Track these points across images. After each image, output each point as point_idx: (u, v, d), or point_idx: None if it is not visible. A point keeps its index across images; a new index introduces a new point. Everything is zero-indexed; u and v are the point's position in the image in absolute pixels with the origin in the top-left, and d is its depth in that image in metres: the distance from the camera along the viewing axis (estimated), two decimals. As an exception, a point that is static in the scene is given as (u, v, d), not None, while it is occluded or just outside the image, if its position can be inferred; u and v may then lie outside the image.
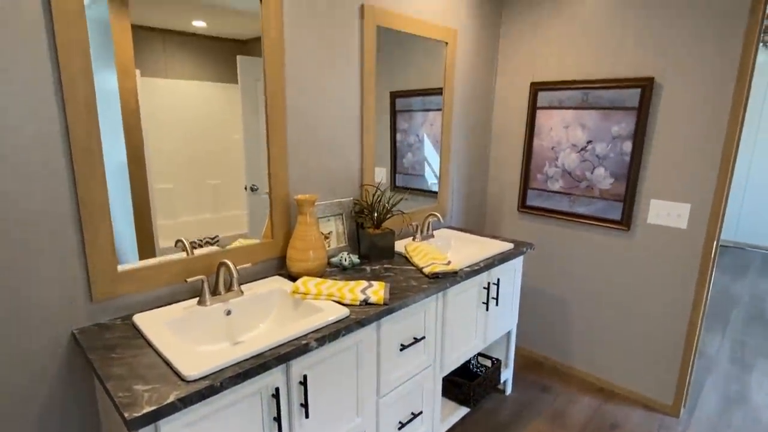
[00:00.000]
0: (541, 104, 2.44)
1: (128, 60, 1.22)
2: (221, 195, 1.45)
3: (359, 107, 1.89)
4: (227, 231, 1.54)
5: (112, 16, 1.18)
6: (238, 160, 1.48)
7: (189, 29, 1.29)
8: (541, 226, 2.57)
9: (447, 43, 2.21)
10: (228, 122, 1.42)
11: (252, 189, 1.63)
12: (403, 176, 2.23)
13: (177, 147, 1.32)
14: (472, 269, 1.77)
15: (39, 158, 1.11)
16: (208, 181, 1.41)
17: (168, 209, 1.32)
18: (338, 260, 1.76)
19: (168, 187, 1.35)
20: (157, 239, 1.32)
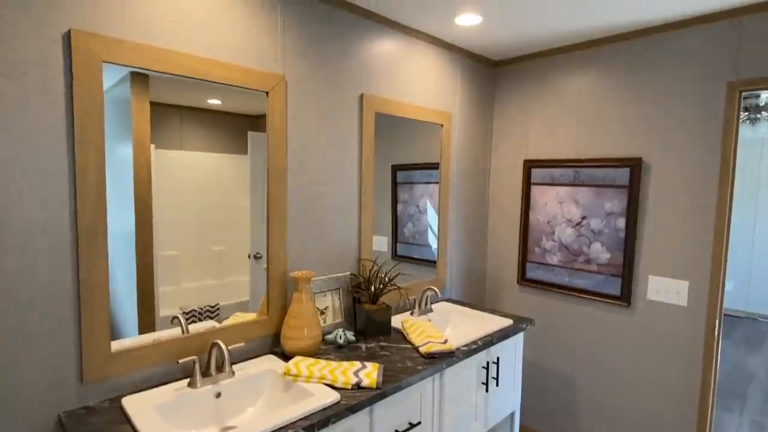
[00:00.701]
0: (535, 180, 2.53)
1: (145, 135, 1.32)
2: (225, 261, 1.49)
3: (358, 187, 1.98)
4: (229, 298, 1.56)
5: (133, 95, 1.30)
6: (244, 227, 1.54)
7: (205, 106, 1.40)
8: (542, 300, 2.55)
9: (442, 125, 2.35)
10: (236, 190, 1.50)
11: (255, 257, 1.67)
12: (404, 245, 2.27)
13: (186, 214, 1.38)
14: (470, 348, 1.74)
15: (46, 242, 1.17)
16: (214, 247, 1.45)
17: (172, 276, 1.35)
18: (333, 337, 1.75)
19: (173, 254, 1.39)
20: (158, 307, 1.33)
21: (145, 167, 1.33)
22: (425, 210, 2.36)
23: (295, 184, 1.74)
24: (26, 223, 1.13)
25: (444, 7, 1.86)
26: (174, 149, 1.35)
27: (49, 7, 1.14)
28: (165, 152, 1.33)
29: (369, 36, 1.95)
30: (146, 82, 1.31)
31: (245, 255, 1.57)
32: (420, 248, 2.35)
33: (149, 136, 1.32)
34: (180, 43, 1.38)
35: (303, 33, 1.70)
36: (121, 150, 1.28)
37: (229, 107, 1.47)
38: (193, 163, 1.39)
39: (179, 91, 1.36)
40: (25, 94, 1.12)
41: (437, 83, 2.32)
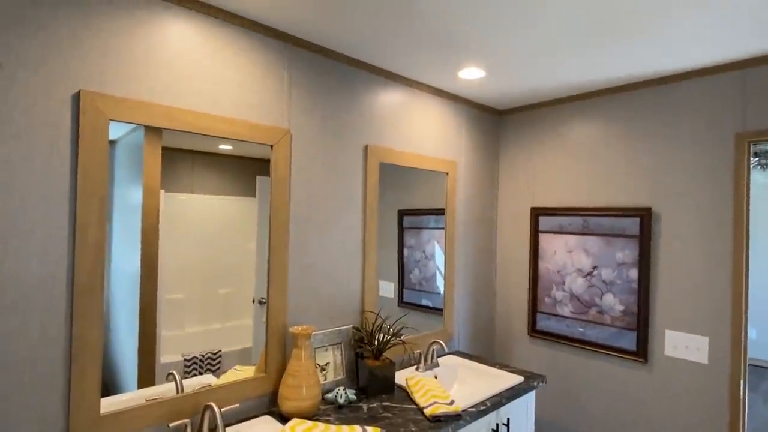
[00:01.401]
0: (543, 228, 2.49)
1: (155, 182, 1.33)
2: (231, 304, 1.46)
3: (361, 237, 1.95)
4: (232, 344, 1.52)
5: (146, 143, 1.31)
6: (251, 270, 1.52)
7: (216, 151, 1.42)
8: (554, 353, 2.44)
9: (447, 173, 2.35)
10: (244, 233, 1.50)
11: (260, 302, 1.63)
12: (410, 291, 2.22)
13: (193, 257, 1.37)
14: (478, 409, 1.65)
15: (41, 299, 1.15)
16: (220, 290, 1.42)
17: (176, 319, 1.32)
18: (333, 396, 1.67)
19: (179, 297, 1.36)
20: (159, 352, 1.29)
21: (153, 212, 1.34)
22: (432, 256, 2.31)
23: (298, 234, 1.72)
24: (22, 279, 1.12)
25: (447, 62, 1.90)
26: (184, 192, 1.35)
27: (61, 69, 1.17)
28: (175, 195, 1.34)
29: (373, 88, 1.98)
30: (159, 131, 1.34)
31: (250, 300, 1.54)
32: (427, 295, 2.28)
33: (159, 182, 1.34)
34: (185, 100, 1.41)
35: (308, 87, 1.74)
36: (132, 193, 1.29)
37: (239, 152, 1.50)
38: (202, 207, 1.40)
39: (192, 137, 1.39)
40: (31, 154, 1.13)
41: (442, 132, 2.34)
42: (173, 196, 1.35)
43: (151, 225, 1.33)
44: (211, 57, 1.46)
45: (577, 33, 1.60)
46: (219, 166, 1.45)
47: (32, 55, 1.13)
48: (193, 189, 1.39)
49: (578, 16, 1.47)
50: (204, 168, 1.41)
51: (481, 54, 1.81)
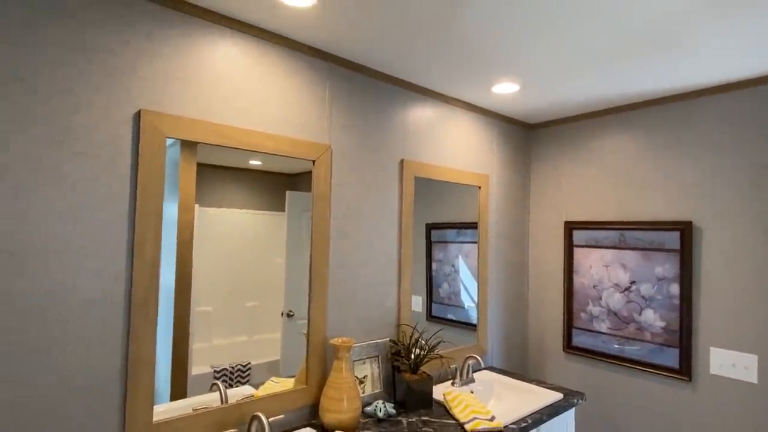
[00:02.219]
0: (578, 242, 2.46)
1: (190, 197, 1.37)
2: (258, 318, 1.46)
3: (397, 251, 1.97)
4: (259, 357, 1.52)
5: (182, 159, 1.35)
6: (278, 284, 1.53)
7: (246, 166, 1.46)
8: (591, 370, 2.38)
9: (479, 187, 2.35)
10: (272, 247, 1.51)
11: (288, 315, 1.65)
12: (439, 306, 2.20)
13: (221, 271, 1.38)
14: (519, 426, 1.62)
15: (100, 313, 1.20)
16: (247, 303, 1.44)
17: (204, 332, 1.33)
18: (373, 410, 1.67)
19: (207, 310, 1.39)
20: (190, 365, 1.31)
21: (188, 227, 1.37)
22: (461, 270, 2.31)
23: (337, 248, 1.75)
24: (83, 293, 1.17)
25: (482, 78, 1.93)
26: (215, 207, 1.39)
27: (123, 90, 1.24)
28: (206, 210, 1.37)
29: (409, 104, 2.02)
30: (194, 147, 1.38)
31: (278, 312, 1.56)
32: (456, 309, 2.27)
33: (194, 196, 1.37)
34: (234, 119, 1.46)
35: (347, 104, 1.79)
36: (168, 208, 1.32)
37: (268, 167, 1.52)
38: (231, 221, 1.42)
39: (224, 153, 1.43)
40: (95, 173, 1.19)
41: (474, 146, 2.35)
42: (204, 211, 1.38)
43: (185, 241, 1.36)
44: (257, 77, 1.52)
45: (613, 47, 1.60)
46: (248, 181, 1.47)
47: (97, 78, 1.20)
48: (222, 203, 1.42)
49: (615, 30, 1.48)
50: (234, 183, 1.44)
51: (516, 69, 1.82)
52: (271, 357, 1.55)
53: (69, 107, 1.15)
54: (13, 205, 1.08)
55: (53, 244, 1.13)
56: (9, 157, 1.07)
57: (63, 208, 1.14)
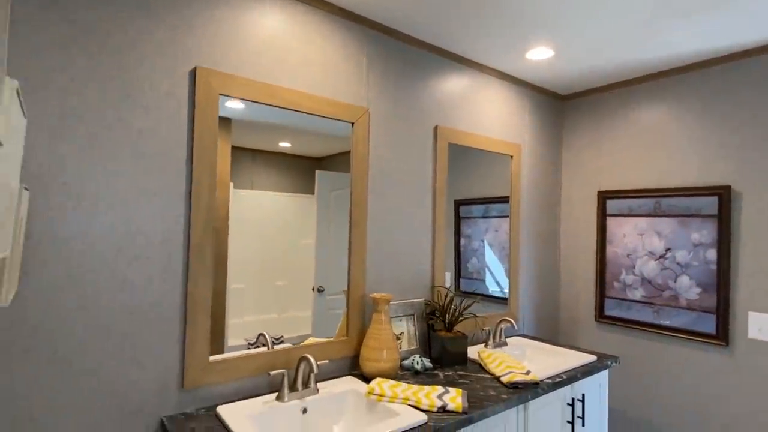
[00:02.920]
0: (611, 212, 2.45)
1: (225, 174, 1.43)
2: (287, 296, 1.51)
3: (431, 214, 2.02)
4: (291, 332, 1.58)
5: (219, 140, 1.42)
6: (307, 264, 1.57)
7: (275, 149, 1.50)
8: (623, 338, 2.38)
9: (512, 156, 2.37)
10: (300, 228, 1.55)
11: (319, 290, 1.72)
12: (467, 281, 2.23)
13: (253, 250, 1.44)
14: (554, 381, 1.66)
15: (163, 252, 1.29)
16: (277, 282, 1.50)
17: (237, 309, 1.40)
18: (410, 363, 1.73)
19: (240, 287, 1.47)
20: (227, 337, 1.38)
21: (224, 205, 1.43)
22: (491, 245, 2.33)
23: (374, 210, 1.80)
24: (147, 234, 1.26)
25: (517, 43, 1.94)
26: (246, 189, 1.44)
27: (181, 48, 1.32)
28: (238, 191, 1.42)
29: (443, 71, 2.05)
30: (229, 126, 1.44)
31: (307, 291, 1.58)
32: (484, 284, 2.29)
33: (230, 174, 1.43)
34: (282, 79, 1.53)
35: (384, 69, 1.83)
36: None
37: (297, 150, 1.56)
38: (262, 203, 1.46)
39: (255, 135, 1.47)
40: (158, 124, 1.28)
41: (506, 116, 2.37)
42: (236, 192, 1.43)
43: (222, 216, 1.42)
44: (302, 41, 1.58)
45: (652, 8, 1.59)
46: (278, 165, 1.50)
47: (159, 35, 1.28)
48: (253, 185, 1.48)
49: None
50: (264, 166, 1.47)
51: (552, 31, 1.83)
52: (303, 332, 1.60)
53: (134, 62, 1.24)
54: (89, 152, 1.17)
55: (122, 187, 1.22)
56: (84, 107, 1.17)
57: (130, 155, 1.23)
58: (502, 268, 2.36)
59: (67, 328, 1.14)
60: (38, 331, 1.10)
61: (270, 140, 1.48)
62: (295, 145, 1.55)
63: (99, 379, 1.18)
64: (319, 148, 1.62)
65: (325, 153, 1.64)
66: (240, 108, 1.43)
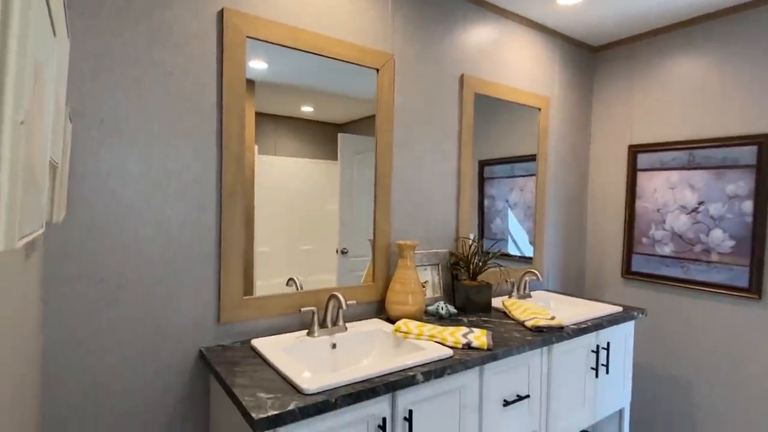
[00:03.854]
0: (642, 166, 2.38)
1: (250, 136, 1.45)
2: (312, 260, 1.55)
3: (457, 165, 2.01)
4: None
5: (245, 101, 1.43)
6: (331, 229, 1.59)
7: (297, 114, 1.50)
8: (651, 294, 2.36)
9: (540, 109, 2.32)
10: (324, 195, 1.57)
11: (343, 252, 1.75)
12: (491, 242, 2.23)
13: (277, 215, 1.47)
14: (580, 327, 1.67)
15: (197, 192, 1.33)
16: (302, 246, 1.53)
17: (264, 272, 1.44)
18: (435, 309, 1.77)
19: (266, 251, 1.51)
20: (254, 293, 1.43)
21: (250, 166, 1.46)
22: (515, 205, 2.30)
23: (399, 159, 1.81)
24: (182, 176, 1.31)
25: (547, -15, 1.87)
26: (270, 155, 1.46)
27: (208, -10, 1.33)
28: (262, 157, 1.44)
29: (470, 18, 2.00)
30: (253, 90, 1.44)
31: (331, 255, 1.60)
32: (509, 245, 2.28)
33: (254, 137, 1.45)
34: (306, 23, 1.53)
35: (410, 15, 1.80)
36: None
37: (319, 115, 1.55)
38: (285, 168, 1.48)
39: (277, 99, 1.47)
40: (188, 65, 1.30)
41: (535, 68, 2.30)
42: (260, 158, 1.45)
43: (248, 179, 1.45)
44: (326, -18, 1.57)
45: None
46: (300, 130, 1.50)
47: (187, -24, 1.29)
48: (276, 151, 1.49)
49: None
50: (287, 132, 1.48)
51: (586, -29, 1.75)
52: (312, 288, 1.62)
53: (163, 1, 1.26)
54: (124, 92, 1.21)
55: (157, 127, 1.26)
56: (118, 47, 1.20)
57: (163, 95, 1.27)
58: (526, 228, 2.35)
59: (110, 259, 1.21)
60: (83, 259, 1.17)
61: (293, 104, 1.48)
62: (318, 109, 1.55)
63: (140, 308, 1.25)
64: (342, 113, 1.61)
65: (347, 118, 1.64)
66: (263, 68, 1.44)
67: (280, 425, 0.95)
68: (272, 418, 0.94)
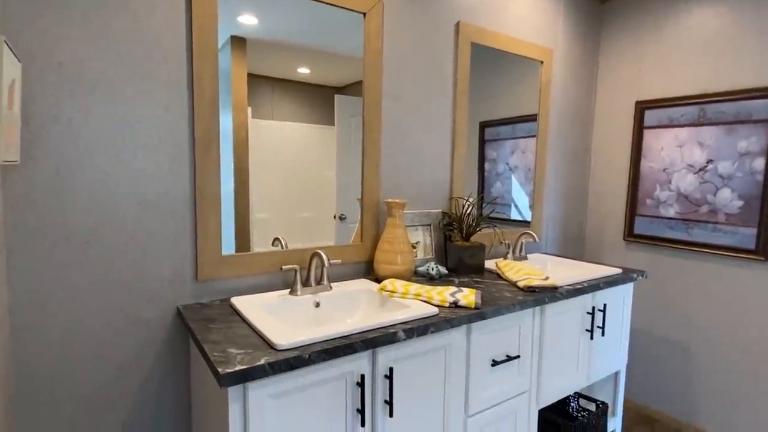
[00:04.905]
0: (649, 123, 2.26)
1: (242, 98, 1.37)
2: (311, 227, 1.50)
3: (451, 120, 1.90)
4: None
5: (233, 60, 1.34)
6: (329, 195, 1.54)
7: (294, 77, 1.41)
8: (654, 257, 2.29)
9: (542, 62, 2.18)
10: (322, 160, 1.50)
11: (341, 218, 1.68)
12: (491, 206, 2.14)
13: (275, 181, 1.41)
14: (575, 288, 1.60)
15: (169, 144, 1.26)
16: (301, 214, 1.48)
17: (262, 239, 1.39)
18: (425, 270, 1.71)
19: (264, 217, 1.45)
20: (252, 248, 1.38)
21: (243, 128, 1.38)
22: (516, 167, 2.20)
23: (389, 113, 1.71)
24: (152, 125, 1.23)
25: None
26: (266, 119, 1.37)
27: None
28: (257, 121, 1.36)
29: (466, -39, 1.85)
30: (244, 48, 1.35)
31: (330, 221, 1.56)
32: (509, 208, 2.20)
33: (246, 98, 1.36)
34: (285, -40, 1.40)
35: (400, -45, 1.66)
36: (222, 120, 1.33)
37: (316, 77, 1.46)
38: (282, 133, 1.41)
39: (271, 59, 1.37)
40: (154, 3, 1.20)
41: (538, 17, 2.15)
42: (255, 122, 1.37)
43: (241, 142, 1.38)
44: None
45: None
46: (297, 94, 1.43)
47: None
48: (273, 115, 1.40)
49: None
50: (283, 95, 1.40)
51: None
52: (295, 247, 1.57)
53: (122, -69, 1.14)
54: (83, 32, 1.12)
55: (122, 72, 1.17)
56: (72, -22, 1.10)
57: (126, 36, 1.17)
58: (527, 191, 2.25)
59: (77, 213, 1.15)
60: (47, 213, 1.11)
61: (288, 66, 1.40)
62: (315, 71, 1.46)
63: (112, 264, 1.21)
64: (339, 75, 1.53)
65: (344, 81, 1.55)
66: (253, 24, 1.34)
67: (249, 380, 0.91)
68: (239, 374, 0.89)
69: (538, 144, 2.24)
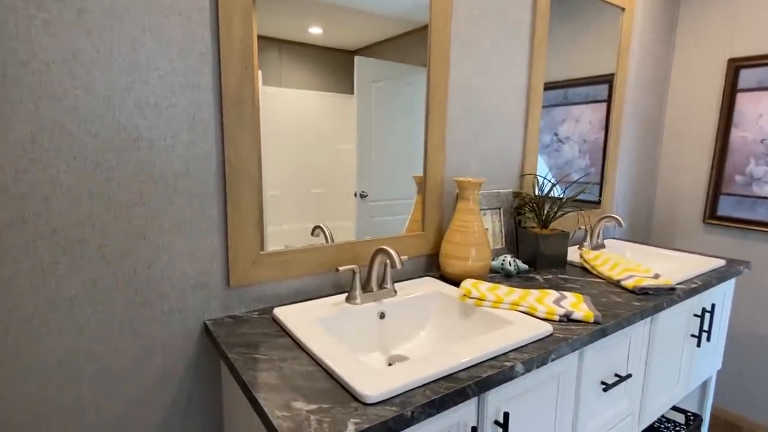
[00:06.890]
0: (745, 85, 1.91)
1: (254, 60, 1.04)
2: (326, 205, 1.22)
3: (526, 80, 1.55)
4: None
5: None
6: (346, 170, 1.25)
7: (305, 39, 1.10)
8: (741, 242, 1.98)
9: (623, 9, 1.80)
10: (336, 132, 1.21)
11: (361, 196, 1.36)
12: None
13: (286, 155, 1.14)
14: (689, 287, 1.30)
15: (187, 103, 0.91)
16: (313, 190, 1.20)
17: (274, 217, 1.12)
18: (499, 264, 1.39)
19: (276, 194, 1.16)
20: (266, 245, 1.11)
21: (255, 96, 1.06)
22: (567, 138, 1.84)
23: (456, 70, 1.35)
24: (164, 74, 0.88)
25: None
26: (274, 86, 1.09)
27: None
28: (266, 89, 1.07)
29: None
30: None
31: (348, 197, 1.27)
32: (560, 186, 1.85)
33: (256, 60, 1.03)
34: None
35: None
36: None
37: (330, 39, 1.15)
38: (293, 101, 1.13)
39: (279, 16, 1.05)
40: None
41: (622, -48, 1.76)
42: (264, 89, 1.06)
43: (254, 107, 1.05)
44: None
45: None
46: (309, 58, 1.15)
47: None
48: (281, 82, 1.10)
49: None
50: (292, 59, 1.12)
51: None
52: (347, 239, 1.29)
53: None
54: (56, -75, 0.75)
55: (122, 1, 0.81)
56: None
57: (123, -57, 0.81)
58: (581, 165, 1.90)
59: (64, 196, 0.81)
60: (27, 198, 0.78)
61: (298, 25, 1.09)
62: (328, 32, 1.14)
63: (115, 268, 0.88)
64: (356, 36, 1.20)
65: (362, 43, 1.22)
66: None
67: (333, 459, 0.60)
68: (323, 453, 0.59)
69: (614, 112, 1.88)
